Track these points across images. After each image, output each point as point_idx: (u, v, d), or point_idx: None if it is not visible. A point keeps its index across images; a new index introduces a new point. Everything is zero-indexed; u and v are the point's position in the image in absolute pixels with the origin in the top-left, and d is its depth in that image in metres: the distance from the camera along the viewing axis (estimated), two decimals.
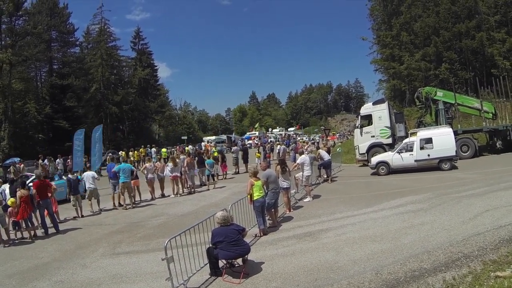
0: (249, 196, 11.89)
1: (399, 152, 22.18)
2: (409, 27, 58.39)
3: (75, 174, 18.27)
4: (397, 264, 8.08)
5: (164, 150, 44.03)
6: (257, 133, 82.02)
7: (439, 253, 8.43)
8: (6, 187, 15.73)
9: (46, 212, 15.01)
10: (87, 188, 17.90)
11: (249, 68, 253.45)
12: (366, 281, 7.50)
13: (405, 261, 8.20)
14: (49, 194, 15.12)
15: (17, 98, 50.71)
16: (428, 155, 21.53)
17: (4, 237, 13.67)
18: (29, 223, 14.46)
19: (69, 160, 34.24)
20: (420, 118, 30.64)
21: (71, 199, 17.17)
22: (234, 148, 32.89)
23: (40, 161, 31.71)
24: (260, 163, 20.58)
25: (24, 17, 53.67)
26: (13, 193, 14.91)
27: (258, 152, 32.23)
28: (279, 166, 14.68)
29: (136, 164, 31.55)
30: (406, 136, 24.84)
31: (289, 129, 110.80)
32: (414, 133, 23.26)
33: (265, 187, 12.38)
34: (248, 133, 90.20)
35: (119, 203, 19.10)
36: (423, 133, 22.48)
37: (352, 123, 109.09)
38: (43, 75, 67.25)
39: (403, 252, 8.80)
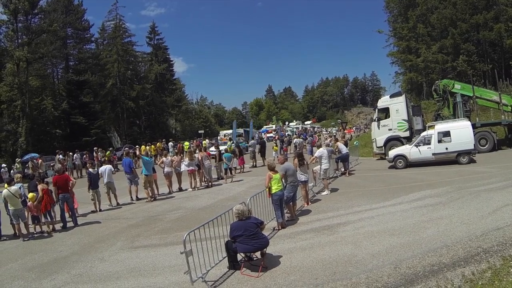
0: (267, 189, 11.89)
1: (416, 146, 22.01)
2: (425, 19, 57.75)
3: (95, 169, 18.42)
4: (416, 259, 8.03)
5: (186, 143, 44.34)
6: (274, 126, 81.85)
7: (458, 248, 8.36)
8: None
9: (66, 206, 15.20)
10: (105, 182, 18.00)
11: (265, 62, 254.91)
12: (384, 275, 7.47)
13: (424, 255, 8.15)
14: (69, 189, 15.24)
15: (34, 95, 51.10)
16: (446, 149, 21.35)
17: (24, 231, 13.86)
18: (48, 217, 14.70)
19: (85, 155, 34.48)
20: (438, 111, 30.31)
21: (90, 193, 17.27)
22: (251, 141, 32.86)
23: (58, 156, 32.00)
24: (277, 157, 20.57)
25: (39, 15, 53.75)
26: (32, 188, 15.13)
27: (276, 146, 32.20)
28: (296, 159, 14.65)
29: (153, 158, 31.81)
30: (424, 129, 24.71)
31: (305, 123, 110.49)
32: (431, 126, 23.04)
33: (283, 180, 12.37)
34: (265, 126, 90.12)
35: (136, 196, 19.27)
36: (441, 126, 22.27)
37: (369, 116, 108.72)
38: (59, 71, 67.60)
39: (421, 246, 8.74)
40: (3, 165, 32.34)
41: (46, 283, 9.25)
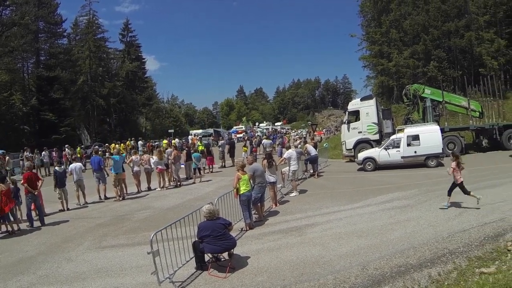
0: (235, 190, 11.87)
1: (386, 148, 22.28)
2: (398, 25, 58.28)
3: (62, 167, 18.14)
4: (383, 260, 8.13)
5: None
6: (243, 127, 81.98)
7: (424, 249, 8.51)
8: None
9: (33, 205, 14.93)
10: (74, 180, 17.78)
11: (237, 62, 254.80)
12: (352, 276, 7.54)
13: (391, 256, 8.27)
14: (38, 187, 14.95)
15: (3, 89, 50.11)
16: (415, 152, 21.70)
17: None
18: (11, 217, 14.34)
19: (54, 153, 33.92)
20: (408, 115, 30.75)
21: (57, 192, 16.98)
22: (220, 142, 32.80)
23: (26, 153, 31.44)
24: (246, 157, 20.57)
25: (11, 7, 53.08)
26: None
27: (245, 146, 32.20)
28: (265, 161, 14.68)
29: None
30: (393, 133, 25.06)
31: (276, 124, 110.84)
32: (401, 130, 23.37)
33: (251, 181, 12.36)
34: (235, 127, 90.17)
35: (104, 195, 19.06)
36: (410, 130, 22.60)
37: (339, 118, 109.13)
38: (30, 66, 66.42)
39: (389, 248, 8.87)
40: None
41: (11, 284, 9.10)
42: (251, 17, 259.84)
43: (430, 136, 21.76)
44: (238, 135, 64.95)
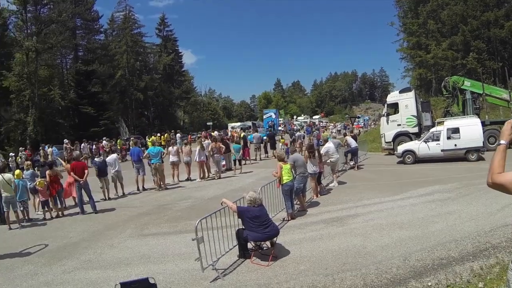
0: (278, 179, 11.97)
1: (425, 141, 22.01)
2: (436, 15, 57.30)
3: (101, 158, 18.55)
4: (425, 252, 8.07)
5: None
6: (282, 120, 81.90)
7: (466, 243, 8.40)
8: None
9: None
10: (112, 171, 18.16)
11: (274, 55, 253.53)
12: (394, 267, 7.52)
13: (433, 248, 8.19)
14: (85, 175, 15.41)
15: (43, 85, 51.30)
16: (455, 145, 21.34)
17: (15, 218, 14.12)
18: (58, 202, 15.22)
19: (91, 145, 34.70)
20: (447, 108, 30.24)
21: (99, 182, 17.47)
22: (254, 134, 32.80)
23: (66, 146, 32.22)
24: (283, 149, 20.64)
25: (49, 5, 54.14)
26: (43, 175, 15.59)
27: (283, 139, 32.20)
28: (307, 151, 14.74)
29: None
30: (432, 126, 24.66)
31: (314, 117, 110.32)
32: (441, 123, 23.02)
33: (293, 171, 12.46)
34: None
35: (143, 187, 19.42)
36: (450, 123, 22.25)
37: (377, 112, 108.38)
38: (68, 62, 67.85)
39: (430, 240, 8.80)
40: (11, 154, 32.55)
41: (56, 268, 9.37)
42: (288, 9, 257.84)
43: (470, 129, 21.34)
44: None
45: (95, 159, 18.42)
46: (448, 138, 21.49)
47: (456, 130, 21.53)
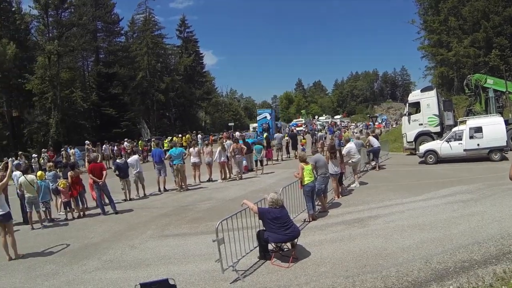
0: (299, 180, 11.95)
1: (447, 141, 21.74)
2: (457, 12, 56.51)
3: (122, 159, 18.74)
4: (447, 254, 7.93)
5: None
6: (303, 120, 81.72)
7: (489, 245, 8.21)
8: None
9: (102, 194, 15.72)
10: (134, 172, 18.33)
11: (296, 55, 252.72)
12: (415, 269, 7.41)
13: (455, 251, 8.04)
14: (103, 176, 15.57)
15: (65, 87, 52.19)
16: (478, 145, 21.04)
17: (37, 218, 14.33)
18: (80, 203, 15.47)
19: (113, 146, 35.04)
20: (469, 107, 29.89)
21: (120, 182, 17.67)
22: (276, 134, 32.76)
23: (88, 147, 32.58)
24: (304, 150, 20.61)
25: (69, 9, 55.17)
26: (65, 176, 15.80)
27: (304, 139, 32.14)
28: (328, 152, 14.71)
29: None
30: (455, 125, 24.34)
31: (335, 117, 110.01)
32: (463, 122, 22.76)
33: (314, 172, 12.43)
34: (294, 120, 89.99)
35: (164, 187, 19.55)
36: (473, 122, 21.96)
37: (398, 111, 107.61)
38: (90, 64, 68.87)
39: (452, 242, 8.66)
40: (34, 155, 32.99)
41: (77, 268, 9.49)
42: (309, 9, 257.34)
43: (493, 128, 21.01)
44: (297, 128, 64.75)
45: (117, 160, 18.59)
46: (471, 137, 21.20)
47: (478, 129, 21.22)
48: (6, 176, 11.12)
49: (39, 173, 15.45)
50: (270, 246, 8.97)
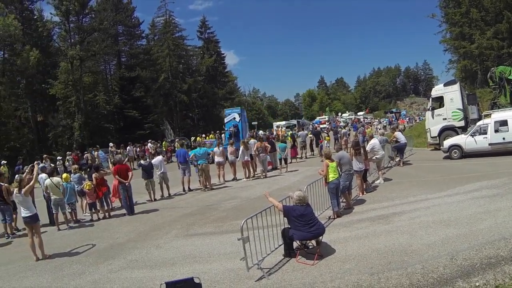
0: (324, 177, 11.96)
1: (472, 135, 21.40)
2: (479, 3, 55.27)
3: (147, 160, 18.95)
4: (473, 250, 7.83)
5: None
6: (327, 117, 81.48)
7: None
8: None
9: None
10: (158, 173, 18.52)
11: (317, 53, 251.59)
12: (440, 266, 7.36)
13: (481, 247, 7.94)
14: (129, 178, 15.88)
15: (88, 91, 53.07)
16: (503, 139, 20.61)
17: (62, 219, 14.66)
18: (104, 204, 15.82)
19: (136, 148, 35.44)
20: (494, 100, 29.36)
21: (145, 183, 17.92)
22: (300, 132, 32.73)
23: (112, 149, 33.00)
24: (328, 146, 20.58)
25: (90, 15, 56.09)
26: (90, 178, 16.08)
27: (328, 136, 32.09)
28: (352, 149, 14.72)
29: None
30: (479, 119, 23.95)
31: (358, 113, 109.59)
32: (488, 115, 22.40)
33: (339, 169, 12.43)
34: (318, 117, 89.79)
35: (188, 187, 19.70)
36: (498, 115, 21.57)
37: (422, 106, 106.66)
38: (112, 68, 69.62)
39: (478, 238, 8.54)
40: (59, 157, 33.47)
41: (103, 267, 9.68)
42: (328, 7, 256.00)
43: None
44: (321, 125, 64.62)
45: (141, 161, 18.83)
46: (496, 131, 20.82)
47: (504, 123, 20.81)
48: (33, 179, 11.38)
49: (64, 175, 15.76)
50: (295, 244, 8.99)
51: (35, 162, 17.67)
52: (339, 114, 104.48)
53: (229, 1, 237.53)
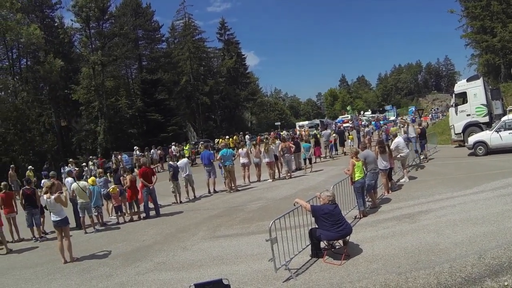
0: (350, 177, 11.99)
1: (497, 131, 21.03)
2: None
3: (175, 162, 19.11)
4: (501, 249, 7.76)
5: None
6: (349, 116, 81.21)
7: None
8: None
9: (149, 198, 16.13)
10: (183, 176, 18.60)
11: (338, 51, 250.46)
12: (468, 265, 7.32)
13: (509, 245, 7.85)
14: (153, 181, 16.08)
15: (110, 95, 53.81)
16: None
17: (89, 222, 14.93)
18: (134, 207, 16.07)
19: (159, 150, 35.75)
20: None
21: (171, 185, 18.07)
22: (324, 132, 32.69)
23: (136, 152, 33.33)
24: (352, 145, 20.50)
25: (110, 20, 57.18)
26: (116, 181, 16.59)
27: (350, 135, 31.97)
28: (377, 147, 14.70)
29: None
30: (504, 114, 23.69)
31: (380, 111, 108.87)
32: None
33: (364, 168, 12.43)
34: (340, 116, 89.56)
35: (214, 189, 19.81)
36: None
37: (444, 102, 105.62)
38: (133, 72, 70.33)
39: (506, 236, 8.45)
40: (83, 164, 33.98)
41: (130, 270, 9.81)
42: (348, 5, 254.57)
43: None
44: (344, 124, 64.38)
45: (170, 162, 19.10)
46: None
47: None
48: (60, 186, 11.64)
49: (91, 178, 15.95)
50: (322, 244, 9.01)
51: (60, 166, 18.04)
52: (362, 112, 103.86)
53: (247, 1, 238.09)
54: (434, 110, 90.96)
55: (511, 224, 9.21)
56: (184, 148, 36.54)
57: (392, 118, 64.65)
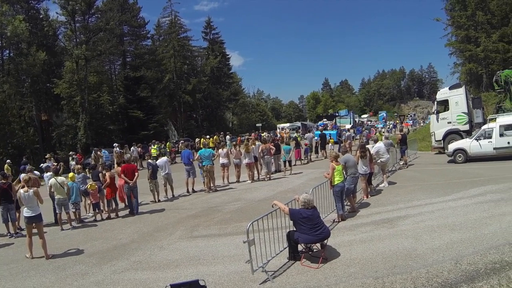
0: (329, 180, 11.97)
1: (477, 139, 21.37)
2: (485, 6, 55.04)
3: (154, 160, 18.96)
4: (477, 255, 7.81)
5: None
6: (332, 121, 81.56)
7: None
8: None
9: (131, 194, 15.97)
10: (162, 174, 18.50)
11: (321, 55, 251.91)
12: (445, 270, 7.35)
13: (486, 252, 7.91)
14: (134, 178, 15.88)
15: (93, 91, 53.24)
16: (508, 143, 20.55)
17: (66, 219, 14.79)
18: (113, 203, 15.93)
19: (139, 148, 35.43)
20: (499, 104, 29.26)
21: (150, 184, 17.92)
22: (307, 135, 32.79)
23: (116, 149, 33.00)
24: (333, 149, 20.56)
25: (96, 15, 56.19)
26: (95, 178, 16.27)
27: (332, 138, 32.09)
28: (358, 151, 14.73)
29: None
30: (484, 123, 23.94)
31: (362, 116, 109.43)
32: (493, 119, 22.37)
33: (344, 172, 12.43)
34: (323, 120, 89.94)
35: (192, 189, 19.74)
36: (503, 119, 21.52)
37: (426, 109, 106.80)
38: (117, 68, 69.81)
39: (483, 243, 8.53)
40: (61, 163, 33.58)
41: (106, 268, 9.69)
42: (332, 9, 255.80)
43: None
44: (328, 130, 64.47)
45: (149, 160, 18.90)
46: (501, 135, 20.79)
47: (509, 127, 20.77)
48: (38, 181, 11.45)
49: (70, 174, 15.76)
50: (300, 247, 8.99)
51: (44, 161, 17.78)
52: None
53: (234, 2, 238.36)
54: (411, 115, 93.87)
55: (488, 231, 9.29)
56: (153, 148, 35.86)
57: (348, 126, 62.25)
